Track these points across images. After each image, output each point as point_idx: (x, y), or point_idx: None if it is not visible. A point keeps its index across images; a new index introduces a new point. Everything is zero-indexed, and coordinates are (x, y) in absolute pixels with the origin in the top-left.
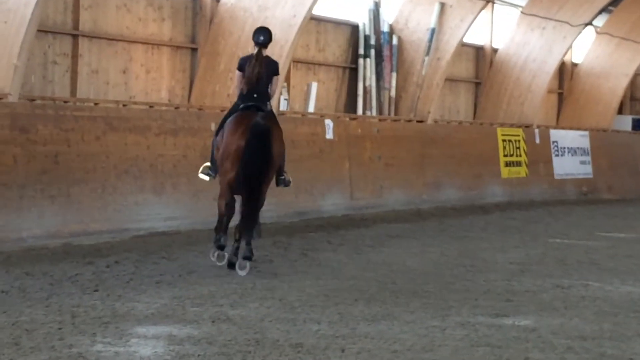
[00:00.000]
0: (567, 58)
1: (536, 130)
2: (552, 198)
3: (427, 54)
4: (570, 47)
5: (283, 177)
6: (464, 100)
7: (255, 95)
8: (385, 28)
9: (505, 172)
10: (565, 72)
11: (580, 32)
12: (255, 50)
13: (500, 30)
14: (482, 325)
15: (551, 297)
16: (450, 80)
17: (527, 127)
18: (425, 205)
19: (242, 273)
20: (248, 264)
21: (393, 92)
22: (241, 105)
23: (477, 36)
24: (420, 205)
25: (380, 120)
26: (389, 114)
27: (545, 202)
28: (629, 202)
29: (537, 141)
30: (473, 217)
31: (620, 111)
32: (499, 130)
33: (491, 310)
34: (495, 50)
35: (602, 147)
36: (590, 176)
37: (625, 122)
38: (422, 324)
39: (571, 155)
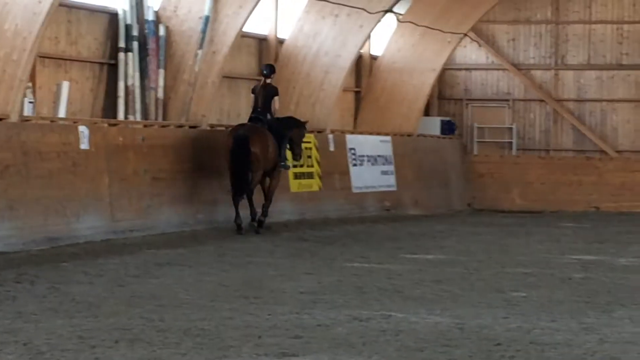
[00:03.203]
0: (364, 51)
1: (330, 136)
2: (349, 215)
3: (201, 46)
4: (368, 37)
5: (283, 163)
6: (246, 102)
7: (258, 109)
8: (150, 16)
9: (294, 185)
10: (363, 67)
11: (379, 21)
12: (262, 80)
13: (287, 18)
14: None
15: (347, 331)
16: (229, 77)
17: (319, 132)
18: (201, 226)
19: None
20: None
21: (161, 93)
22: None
23: (259, 25)
24: (195, 226)
25: (145, 126)
26: (156, 118)
27: (342, 220)
28: (438, 218)
29: (332, 148)
30: (255, 240)
31: (427, 112)
32: None
33: (277, 349)
34: (281, 42)
35: (406, 155)
36: (394, 188)
37: (433, 125)
38: None
39: (371, 165)
